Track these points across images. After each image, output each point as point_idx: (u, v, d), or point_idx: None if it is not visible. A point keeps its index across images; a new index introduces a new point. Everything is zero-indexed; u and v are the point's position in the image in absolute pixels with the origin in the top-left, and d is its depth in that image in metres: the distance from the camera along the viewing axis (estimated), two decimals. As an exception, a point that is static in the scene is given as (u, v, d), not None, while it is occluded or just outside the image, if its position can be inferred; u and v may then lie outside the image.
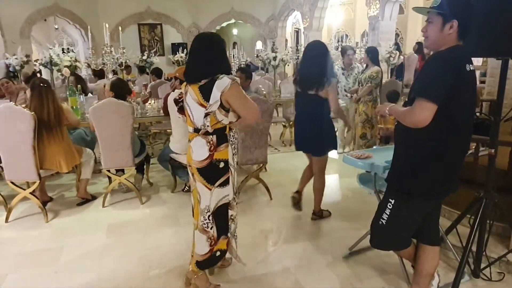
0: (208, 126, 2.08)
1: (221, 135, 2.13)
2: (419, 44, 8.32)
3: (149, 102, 4.96)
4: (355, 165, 2.50)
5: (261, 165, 3.87)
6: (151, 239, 3.02)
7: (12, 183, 3.37)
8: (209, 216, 2.20)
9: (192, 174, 2.22)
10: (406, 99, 1.88)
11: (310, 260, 2.66)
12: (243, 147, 3.56)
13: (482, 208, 2.20)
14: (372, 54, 4.85)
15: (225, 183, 2.19)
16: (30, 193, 3.39)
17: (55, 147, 3.34)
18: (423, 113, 1.64)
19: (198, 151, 2.14)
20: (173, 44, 13.91)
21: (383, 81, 6.27)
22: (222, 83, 2.01)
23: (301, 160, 5.39)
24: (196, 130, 2.14)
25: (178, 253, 2.78)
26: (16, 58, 7.68)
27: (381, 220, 1.95)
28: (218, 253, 2.29)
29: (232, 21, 14.50)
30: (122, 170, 3.86)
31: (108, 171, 3.70)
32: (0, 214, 3.46)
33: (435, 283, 2.14)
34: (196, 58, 2.12)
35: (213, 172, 2.16)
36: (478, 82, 7.41)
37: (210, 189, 2.17)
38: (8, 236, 3.13)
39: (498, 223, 2.48)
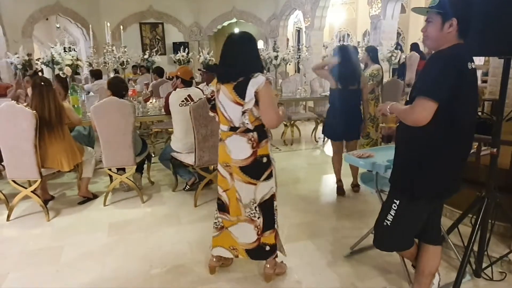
0: (247, 123, 2.13)
1: (261, 131, 2.19)
2: (413, 44, 8.33)
3: (150, 101, 4.96)
4: (357, 164, 2.51)
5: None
6: (152, 238, 3.02)
7: (14, 181, 3.37)
8: (255, 207, 2.27)
9: (230, 174, 2.26)
10: (408, 98, 1.87)
11: (311, 259, 2.66)
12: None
13: (484, 208, 2.20)
14: (372, 53, 4.84)
15: (269, 176, 2.26)
16: (32, 191, 3.39)
17: (57, 145, 3.34)
18: (423, 111, 1.64)
19: (238, 150, 2.19)
20: (174, 43, 13.90)
21: (385, 80, 6.26)
22: (257, 81, 2.06)
23: (302, 159, 5.41)
24: (233, 129, 2.18)
25: (179, 252, 2.78)
26: (18, 57, 7.68)
27: (386, 221, 1.94)
28: (267, 248, 2.33)
29: (234, 20, 14.47)
30: (124, 169, 3.87)
31: (110, 170, 3.70)
32: (1, 213, 3.47)
33: (436, 282, 2.14)
34: (231, 58, 2.15)
35: (257, 168, 2.21)
36: (480, 82, 7.41)
37: (255, 184, 2.22)
38: (9, 234, 3.13)
39: (499, 222, 2.47)
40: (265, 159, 2.21)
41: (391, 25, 8.32)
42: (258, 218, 2.29)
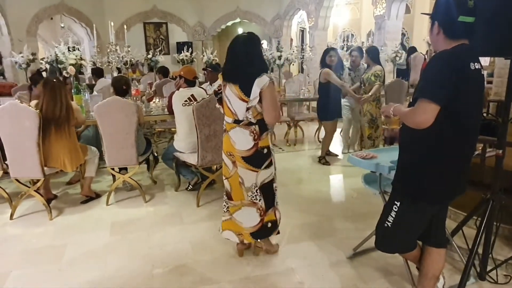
0: (251, 118, 2.35)
1: (262, 125, 2.39)
2: (411, 48, 8.31)
3: (153, 100, 4.96)
4: (360, 165, 2.49)
5: (265, 164, 3.85)
6: (155, 238, 3.02)
7: (17, 180, 3.38)
8: (256, 190, 2.49)
9: (233, 162, 2.48)
10: (411, 100, 1.86)
11: (314, 261, 2.65)
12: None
13: (489, 210, 2.17)
14: (372, 54, 4.81)
15: (269, 165, 2.48)
16: (35, 190, 3.40)
17: (62, 144, 3.34)
18: (425, 114, 1.62)
19: (241, 141, 2.40)
20: (178, 43, 13.93)
21: (388, 81, 6.23)
22: (262, 80, 2.27)
23: (304, 160, 5.39)
24: (236, 121, 2.39)
25: (182, 252, 2.78)
26: (22, 56, 7.72)
27: (387, 222, 1.93)
28: (269, 225, 2.57)
29: (238, 20, 14.47)
30: (125, 168, 3.87)
31: (112, 169, 3.70)
32: (5, 211, 3.48)
33: (440, 285, 2.12)
34: (237, 58, 2.35)
35: (258, 159, 2.43)
36: (485, 83, 7.35)
37: (256, 171, 2.44)
38: (12, 233, 3.14)
39: (505, 225, 2.45)
40: (265, 150, 2.43)
41: (396, 26, 8.28)
42: (260, 200, 2.50)
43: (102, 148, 3.99)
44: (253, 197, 2.50)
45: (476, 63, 1.67)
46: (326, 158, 5.03)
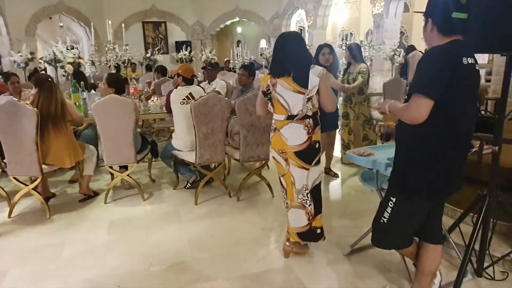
0: (309, 109, 2.38)
1: (315, 118, 2.43)
2: (410, 46, 8.31)
3: (152, 99, 4.96)
4: (357, 162, 2.49)
5: (263, 162, 3.86)
6: (153, 236, 3.02)
7: (15, 178, 3.38)
8: (307, 194, 2.48)
9: (286, 159, 2.49)
10: (406, 96, 1.87)
11: (312, 258, 2.65)
12: (245, 144, 3.55)
13: (485, 207, 2.17)
14: (354, 52, 4.42)
15: (319, 161, 2.49)
16: (33, 188, 3.40)
17: (60, 140, 3.34)
18: (419, 109, 1.63)
19: (295, 136, 2.41)
20: (177, 42, 13.94)
21: (387, 79, 6.23)
22: (316, 69, 2.36)
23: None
24: (290, 117, 2.41)
25: (180, 250, 2.78)
26: (21, 56, 7.72)
27: (383, 218, 1.94)
28: (318, 231, 2.58)
29: (237, 19, 14.49)
30: (125, 167, 3.87)
31: (111, 167, 3.70)
32: (3, 210, 3.48)
33: (437, 282, 2.12)
34: (285, 54, 2.40)
35: (311, 153, 2.43)
36: (483, 81, 7.35)
37: (308, 169, 2.44)
38: (10, 231, 3.14)
39: (501, 221, 2.45)
40: (317, 145, 2.45)
41: (394, 24, 8.30)
42: (309, 205, 2.50)
43: (100, 147, 4.01)
44: (303, 200, 2.49)
45: (469, 58, 1.67)
46: (332, 169, 4.49)
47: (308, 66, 2.37)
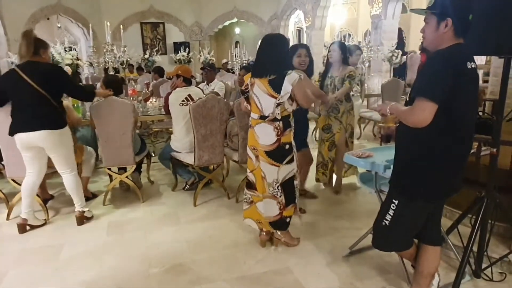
0: (278, 114, 2.48)
1: (286, 121, 2.53)
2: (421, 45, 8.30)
3: (150, 100, 4.96)
4: (356, 164, 2.51)
5: (262, 164, 3.85)
6: (152, 237, 3.02)
7: (13, 180, 3.37)
8: (277, 186, 2.61)
9: (256, 156, 2.64)
10: (407, 99, 1.87)
11: (310, 259, 2.65)
12: (244, 145, 3.54)
13: (483, 208, 2.19)
14: (345, 52, 3.70)
15: (291, 160, 2.60)
16: (31, 190, 3.39)
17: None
18: (423, 112, 1.63)
19: (265, 136, 2.54)
20: (175, 43, 13.92)
21: (385, 80, 6.25)
22: (292, 77, 2.41)
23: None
24: (262, 117, 2.53)
25: (178, 251, 2.78)
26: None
27: (385, 221, 1.94)
28: (288, 219, 2.73)
29: (235, 20, 14.48)
30: (124, 169, 3.86)
31: (109, 169, 3.70)
32: (1, 212, 3.48)
33: (436, 283, 2.13)
34: (266, 56, 2.53)
35: (280, 153, 2.55)
36: (481, 82, 7.39)
37: (278, 166, 2.57)
38: (9, 233, 3.13)
39: (499, 223, 2.46)
40: (287, 146, 2.56)
41: (392, 25, 8.31)
42: (280, 196, 2.63)
43: (98, 149, 4.00)
44: (274, 192, 2.63)
45: (472, 63, 1.68)
46: (307, 191, 3.82)
47: (285, 71, 2.43)
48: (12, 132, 2.88)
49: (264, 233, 2.80)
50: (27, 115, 2.83)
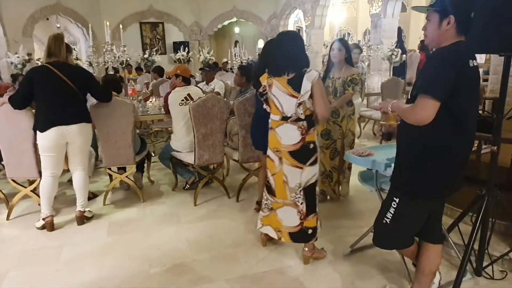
0: (301, 113, 2.38)
1: (310, 120, 2.43)
2: (422, 42, 8.29)
3: (150, 100, 4.96)
4: (357, 163, 2.50)
5: (262, 163, 3.85)
6: (152, 237, 3.01)
7: (14, 180, 3.37)
8: (300, 191, 2.48)
9: (280, 158, 2.49)
10: (409, 97, 1.86)
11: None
12: (244, 144, 3.55)
13: (484, 206, 2.18)
14: (350, 51, 3.43)
15: (315, 162, 2.48)
16: (31, 191, 3.39)
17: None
18: (426, 110, 1.63)
19: (288, 136, 2.43)
20: (174, 43, 13.93)
21: (385, 79, 6.24)
22: (311, 75, 2.32)
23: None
24: (284, 118, 2.43)
25: (179, 251, 2.78)
26: (18, 57, 7.70)
27: (385, 219, 1.93)
28: (310, 231, 2.53)
29: (234, 19, 14.48)
30: (124, 168, 3.86)
31: (109, 169, 3.69)
32: (1, 212, 3.47)
33: (437, 281, 2.13)
34: (283, 54, 2.41)
35: (305, 153, 2.44)
36: (481, 80, 7.39)
37: (301, 168, 2.44)
38: (9, 234, 3.13)
39: (500, 221, 2.46)
40: (312, 145, 2.45)
41: (392, 24, 8.32)
42: (301, 203, 2.49)
43: (98, 149, 3.99)
44: (296, 198, 2.49)
45: (474, 61, 1.68)
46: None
47: (304, 69, 2.35)
48: (46, 127, 2.94)
49: (264, 235, 2.72)
50: (66, 110, 2.98)
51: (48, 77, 2.90)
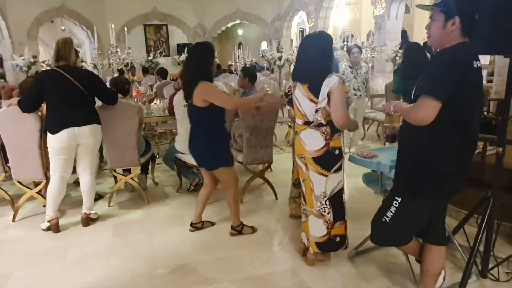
0: (320, 119, 2.28)
1: (333, 125, 2.29)
2: (425, 43, 8.28)
3: (154, 102, 4.98)
4: (361, 164, 2.49)
5: (266, 165, 3.86)
6: (157, 239, 3.02)
7: (19, 182, 3.39)
8: (325, 201, 2.39)
9: (305, 165, 2.40)
10: (412, 97, 1.86)
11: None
12: (248, 146, 3.56)
13: (489, 208, 2.18)
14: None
15: (340, 168, 2.37)
16: (37, 192, 3.41)
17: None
18: (427, 110, 1.63)
19: (312, 142, 2.33)
20: (178, 45, 13.99)
21: (389, 81, 6.23)
22: (331, 81, 2.19)
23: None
24: (307, 123, 2.34)
25: (183, 253, 2.78)
26: (23, 59, 7.75)
27: (385, 217, 1.94)
28: (338, 239, 2.48)
29: (238, 21, 14.52)
30: (128, 170, 3.87)
31: (114, 170, 3.71)
32: (7, 214, 3.49)
33: (440, 283, 2.12)
34: (306, 64, 2.31)
35: (329, 159, 2.33)
36: (485, 82, 7.36)
37: (326, 176, 2.35)
38: (15, 235, 3.15)
39: (505, 223, 2.45)
40: (337, 151, 2.34)
41: (395, 25, 8.31)
42: (328, 213, 2.41)
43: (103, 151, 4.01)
44: (321, 208, 2.41)
45: (477, 61, 1.68)
46: (244, 227, 3.02)
47: (324, 75, 2.21)
48: (58, 129, 2.96)
49: (311, 251, 2.53)
50: (77, 112, 3.02)
51: (58, 81, 2.93)
